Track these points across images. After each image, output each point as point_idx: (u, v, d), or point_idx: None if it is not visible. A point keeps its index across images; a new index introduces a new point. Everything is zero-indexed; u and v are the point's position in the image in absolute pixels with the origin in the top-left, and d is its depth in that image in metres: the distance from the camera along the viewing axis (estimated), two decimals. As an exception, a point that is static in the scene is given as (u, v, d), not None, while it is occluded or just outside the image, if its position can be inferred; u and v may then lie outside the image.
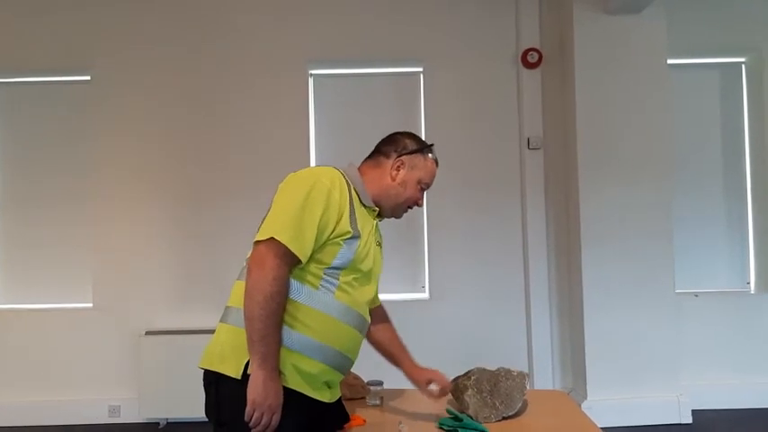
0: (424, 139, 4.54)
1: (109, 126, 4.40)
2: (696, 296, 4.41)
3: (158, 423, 4.19)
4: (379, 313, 2.09)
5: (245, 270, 1.67)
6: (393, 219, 1.97)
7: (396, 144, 1.90)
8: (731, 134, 4.61)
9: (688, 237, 4.48)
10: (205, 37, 4.44)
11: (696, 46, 4.51)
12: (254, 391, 1.55)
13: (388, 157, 1.88)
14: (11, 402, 4.26)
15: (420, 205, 1.94)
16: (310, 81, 4.51)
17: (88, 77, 4.43)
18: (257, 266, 1.58)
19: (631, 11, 4.09)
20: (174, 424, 4.18)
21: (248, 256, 1.74)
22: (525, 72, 4.40)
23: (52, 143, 4.49)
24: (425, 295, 4.46)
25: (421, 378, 2.02)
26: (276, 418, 1.57)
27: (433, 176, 1.93)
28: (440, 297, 4.39)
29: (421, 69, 4.51)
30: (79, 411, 4.24)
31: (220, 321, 1.74)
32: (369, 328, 2.03)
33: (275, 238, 1.58)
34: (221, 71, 4.43)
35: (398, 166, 1.86)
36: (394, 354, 2.06)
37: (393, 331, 2.10)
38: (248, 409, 1.55)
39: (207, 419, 1.71)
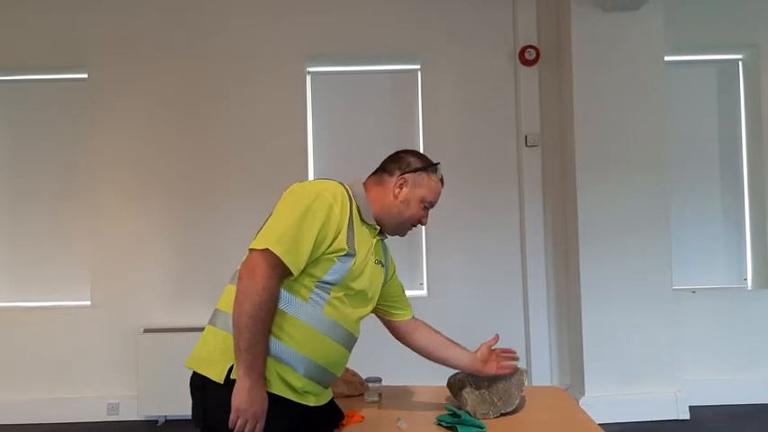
0: (421, 136, 4.52)
1: (106, 124, 4.39)
2: (693, 292, 4.42)
3: (157, 420, 4.20)
4: (426, 331, 2.09)
5: (237, 275, 1.67)
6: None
7: (400, 162, 1.87)
8: (728, 131, 4.61)
9: (685, 233, 4.49)
10: (202, 34, 4.43)
11: (693, 43, 4.51)
12: (238, 399, 1.54)
13: (391, 174, 1.86)
14: (9, 400, 4.26)
15: (424, 224, 1.90)
16: (308, 78, 4.50)
17: (85, 75, 4.42)
18: (248, 274, 1.58)
19: (629, 8, 4.09)
20: (172, 421, 4.18)
21: (242, 261, 1.73)
22: (523, 69, 4.40)
23: (49, 141, 4.48)
24: (423, 292, 4.46)
25: (484, 367, 2.04)
26: (260, 426, 1.57)
27: (437, 195, 1.89)
28: (438, 294, 4.39)
29: (418, 66, 4.51)
30: (77, 409, 4.24)
31: (209, 323, 1.74)
32: (423, 348, 2.05)
33: (270, 249, 1.58)
34: (219, 69, 4.42)
35: (401, 185, 1.84)
36: (451, 358, 2.06)
37: (451, 343, 2.09)
38: (232, 416, 1.55)
39: (192, 421, 1.70)
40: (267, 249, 1.58)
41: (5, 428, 4.13)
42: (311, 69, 4.52)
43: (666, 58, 4.22)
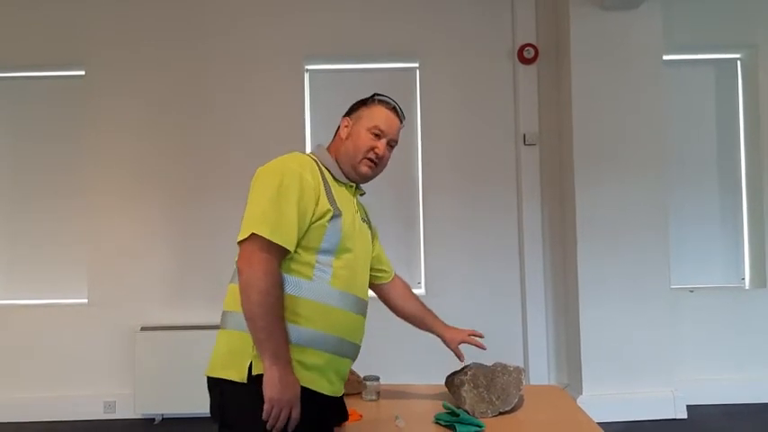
0: (419, 134, 4.51)
1: (103, 121, 4.38)
2: (691, 292, 4.42)
3: (154, 419, 4.19)
4: (398, 287, 2.15)
5: (236, 272, 1.66)
6: (388, 212, 1.94)
7: (347, 111, 1.91)
8: (726, 130, 4.62)
9: (683, 232, 4.49)
10: (201, 32, 4.42)
11: (692, 42, 4.51)
12: (270, 389, 1.51)
13: (340, 124, 1.90)
14: (5, 398, 4.24)
15: (379, 154, 1.79)
16: (306, 76, 4.49)
17: (83, 72, 4.41)
18: (246, 265, 1.56)
19: (627, 7, 4.09)
20: (169, 420, 4.18)
21: (236, 258, 1.72)
22: (521, 68, 4.40)
23: (47, 138, 4.46)
24: (421, 291, 4.45)
25: (454, 341, 2.13)
26: (296, 412, 1.54)
27: (383, 119, 1.82)
28: (436, 293, 4.38)
29: (417, 65, 4.50)
30: (74, 407, 4.23)
31: (220, 327, 1.72)
32: (393, 304, 2.12)
33: (256, 233, 1.56)
34: (217, 66, 4.41)
35: (346, 125, 1.86)
36: (426, 323, 2.15)
37: (416, 300, 2.18)
38: (266, 407, 1.52)
39: (211, 418, 1.69)
40: (253, 234, 1.57)
41: (2, 427, 4.12)
42: (309, 67, 4.51)
43: (665, 57, 4.22)
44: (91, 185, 4.37)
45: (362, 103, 1.89)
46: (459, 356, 2.12)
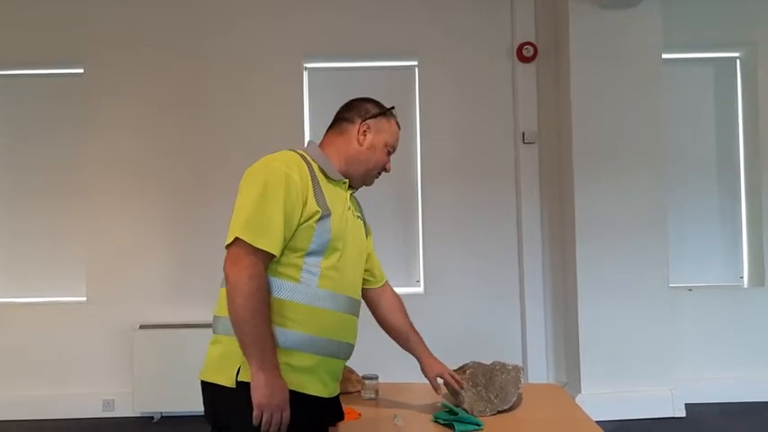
0: (418, 133, 4.53)
1: (102, 119, 4.37)
2: (690, 290, 4.43)
3: (152, 417, 4.19)
4: (387, 297, 2.08)
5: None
6: (387, 210, 1.93)
7: (358, 109, 1.86)
8: (725, 129, 4.62)
9: (682, 231, 4.50)
10: (200, 30, 4.41)
11: (691, 41, 4.51)
12: (258, 394, 1.50)
13: (352, 122, 1.83)
14: (3, 397, 4.24)
15: (388, 170, 1.88)
16: (305, 74, 4.49)
17: (81, 70, 4.40)
18: (231, 269, 1.54)
19: (627, 5, 4.09)
20: (168, 418, 4.18)
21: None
22: (520, 66, 4.40)
23: (45, 136, 4.45)
24: (420, 289, 4.46)
25: (431, 371, 2.03)
26: (286, 415, 1.54)
27: (397, 139, 1.88)
28: (435, 291, 4.39)
29: (416, 63, 4.50)
30: (73, 406, 4.23)
31: (212, 332, 1.71)
32: (379, 314, 2.04)
33: (240, 238, 1.55)
34: (216, 64, 4.41)
35: (365, 131, 1.82)
36: (410, 343, 2.06)
37: (405, 316, 2.08)
38: (255, 413, 1.51)
39: (205, 419, 1.69)
40: (238, 239, 1.55)
41: (0, 425, 4.11)
42: (309, 65, 4.50)
43: (664, 56, 4.21)
44: (90, 184, 4.36)
45: (382, 112, 1.86)
46: (436, 389, 2.04)
